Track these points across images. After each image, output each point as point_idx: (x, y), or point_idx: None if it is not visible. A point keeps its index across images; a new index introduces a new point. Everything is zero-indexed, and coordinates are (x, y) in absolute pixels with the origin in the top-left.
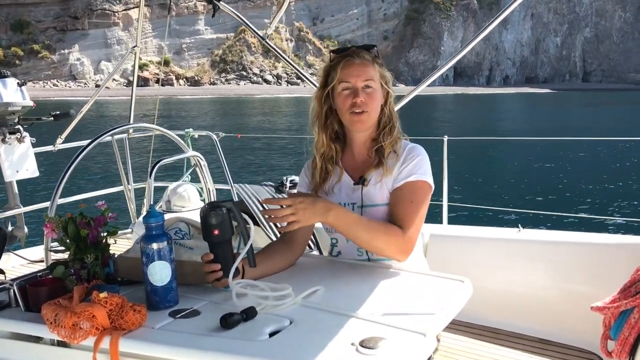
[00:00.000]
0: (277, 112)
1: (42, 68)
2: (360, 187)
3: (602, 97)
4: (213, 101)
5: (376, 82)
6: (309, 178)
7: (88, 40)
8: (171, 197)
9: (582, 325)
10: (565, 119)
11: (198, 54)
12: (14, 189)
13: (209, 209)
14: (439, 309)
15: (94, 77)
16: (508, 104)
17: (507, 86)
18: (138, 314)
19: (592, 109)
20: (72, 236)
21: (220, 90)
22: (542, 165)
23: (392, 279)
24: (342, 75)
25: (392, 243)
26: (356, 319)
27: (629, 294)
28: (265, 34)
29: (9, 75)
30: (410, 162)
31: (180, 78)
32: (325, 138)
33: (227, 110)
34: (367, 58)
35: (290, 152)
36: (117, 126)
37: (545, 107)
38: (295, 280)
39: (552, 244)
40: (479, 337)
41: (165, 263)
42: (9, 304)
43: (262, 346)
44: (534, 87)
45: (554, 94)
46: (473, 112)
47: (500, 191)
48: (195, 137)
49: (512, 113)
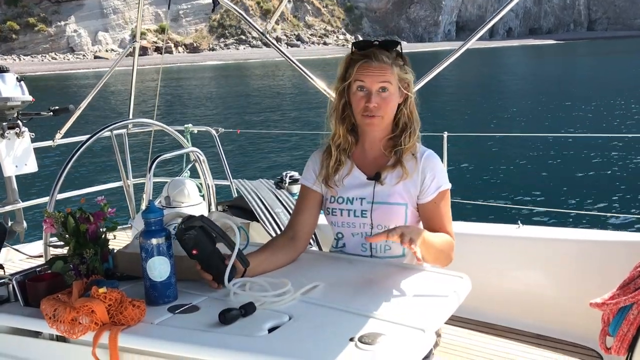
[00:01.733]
0: (277, 75)
1: (40, 41)
2: (373, 182)
3: (609, 46)
4: (213, 68)
5: (393, 85)
6: (317, 168)
7: (84, 11)
8: (170, 192)
9: (581, 322)
10: (571, 72)
11: (195, 19)
12: (13, 184)
13: (180, 234)
14: (438, 305)
15: (92, 48)
16: (512, 58)
17: (510, 39)
18: (137, 309)
19: (598, 59)
20: (71, 231)
21: (220, 56)
22: (542, 161)
23: (392, 274)
24: (357, 75)
25: (449, 253)
26: (355, 314)
27: (628, 290)
28: (265, 29)
29: (8, 70)
30: (432, 172)
31: (178, 45)
32: (343, 130)
33: (229, 74)
34: (386, 61)
35: (290, 148)
36: (116, 121)
37: (549, 59)
38: (295, 276)
39: (552, 240)
40: (479, 333)
41: (164, 258)
42: (8, 299)
43: (261, 341)
44: (538, 39)
45: (559, 44)
46: (476, 69)
47: (500, 187)
48: (194, 132)
49: (516, 68)
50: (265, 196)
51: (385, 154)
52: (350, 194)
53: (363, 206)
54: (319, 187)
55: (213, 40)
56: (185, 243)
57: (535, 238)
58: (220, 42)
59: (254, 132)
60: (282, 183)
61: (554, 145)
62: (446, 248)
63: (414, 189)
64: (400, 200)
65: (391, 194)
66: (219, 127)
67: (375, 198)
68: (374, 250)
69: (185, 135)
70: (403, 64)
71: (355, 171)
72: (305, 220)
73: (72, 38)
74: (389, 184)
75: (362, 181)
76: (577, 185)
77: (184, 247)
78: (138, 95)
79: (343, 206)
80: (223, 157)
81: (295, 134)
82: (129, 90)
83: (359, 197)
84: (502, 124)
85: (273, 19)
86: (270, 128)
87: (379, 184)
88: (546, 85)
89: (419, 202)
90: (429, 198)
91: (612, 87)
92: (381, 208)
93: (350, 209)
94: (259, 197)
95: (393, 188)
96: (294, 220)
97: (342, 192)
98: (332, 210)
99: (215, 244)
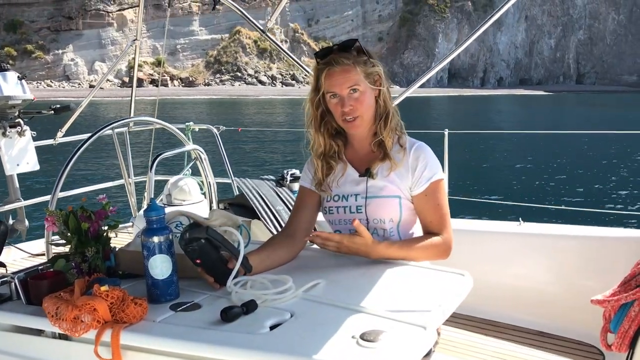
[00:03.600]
0: (272, 112)
1: (36, 68)
2: (365, 179)
3: (596, 99)
4: (208, 102)
5: (362, 83)
6: (312, 173)
7: (82, 41)
8: (172, 190)
9: (582, 318)
10: (560, 120)
11: (192, 54)
12: (14, 182)
13: (184, 245)
14: (440, 302)
15: (88, 77)
16: (503, 105)
17: (501, 88)
18: (139, 307)
19: (586, 110)
20: (73, 230)
21: (215, 91)
22: (542, 159)
23: (393, 272)
24: (327, 86)
25: (434, 254)
26: (357, 312)
27: (629, 287)
28: (265, 27)
29: (9, 68)
30: (422, 163)
31: (174, 79)
32: (324, 138)
33: (223, 111)
34: (347, 63)
35: (291, 146)
36: (117, 120)
37: (539, 108)
38: (296, 274)
39: (553, 237)
40: (480, 330)
41: (166, 256)
42: (10, 297)
43: (263, 339)
44: (528, 89)
45: (548, 95)
46: (469, 113)
47: (501, 185)
48: (195, 130)
49: (507, 114)
50: (267, 194)
51: (374, 150)
52: (345, 192)
53: (358, 202)
54: (313, 187)
55: (209, 76)
56: (189, 254)
57: (536, 235)
58: (216, 77)
59: (255, 130)
60: (283, 181)
61: (555, 143)
62: (425, 255)
63: (405, 180)
64: (392, 193)
65: (383, 187)
66: (220, 125)
67: (368, 193)
68: None
69: (186, 133)
70: (367, 59)
71: (349, 169)
72: (303, 218)
73: (68, 66)
74: (380, 177)
75: (356, 178)
76: (578, 182)
77: (188, 256)
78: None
79: (339, 204)
80: (224, 155)
81: (296, 132)
82: (129, 91)
83: (353, 193)
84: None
85: (273, 16)
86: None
87: (371, 179)
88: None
89: (413, 193)
90: (420, 189)
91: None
92: (375, 202)
93: (346, 206)
94: (260, 194)
95: (385, 181)
96: (293, 218)
97: (338, 190)
98: (329, 209)
99: (220, 252)
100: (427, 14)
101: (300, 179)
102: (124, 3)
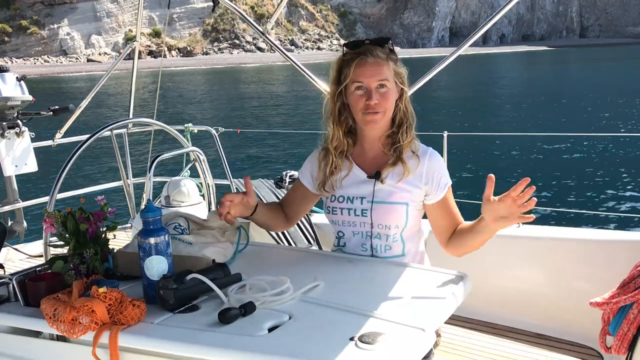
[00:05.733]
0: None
1: (32, 44)
2: (373, 181)
3: (601, 53)
4: (206, 72)
5: (390, 81)
6: (315, 169)
7: (77, 14)
8: (170, 192)
9: (581, 321)
10: (564, 79)
11: (189, 23)
12: (13, 183)
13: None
14: (439, 304)
15: (85, 51)
16: (505, 65)
17: (503, 45)
18: (137, 308)
19: (591, 66)
20: (71, 231)
21: (214, 60)
22: (541, 160)
23: (392, 274)
24: (355, 75)
25: None
26: (355, 314)
27: (628, 289)
28: (265, 29)
29: (8, 69)
30: (438, 172)
31: (172, 49)
32: (341, 133)
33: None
34: (381, 56)
35: (290, 147)
36: (116, 121)
37: (543, 66)
38: (295, 276)
39: (552, 239)
40: (479, 332)
41: (162, 257)
42: (8, 299)
43: (261, 341)
44: (530, 45)
45: (552, 51)
46: (471, 76)
47: (500, 186)
48: (194, 132)
49: (510, 74)
50: (265, 195)
51: (385, 152)
52: (350, 193)
53: (363, 205)
54: (311, 186)
55: (207, 45)
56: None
57: (535, 237)
58: (214, 46)
59: (254, 131)
60: (282, 182)
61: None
62: None
63: (416, 188)
64: (400, 200)
65: (392, 193)
66: (219, 127)
67: (375, 197)
68: (374, 249)
69: (185, 134)
70: (397, 58)
71: (356, 170)
72: (294, 206)
73: (65, 41)
74: (390, 183)
75: (363, 180)
76: (577, 184)
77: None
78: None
79: (343, 205)
80: (223, 157)
81: (295, 133)
82: (129, 91)
83: (359, 196)
84: (497, 126)
85: (273, 19)
86: (270, 127)
87: (380, 183)
88: (540, 89)
89: (429, 202)
90: (440, 196)
91: (604, 91)
92: (381, 207)
93: (351, 208)
94: (259, 196)
95: (394, 187)
96: (287, 199)
97: (343, 191)
98: (333, 209)
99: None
100: None
101: (301, 174)
102: None
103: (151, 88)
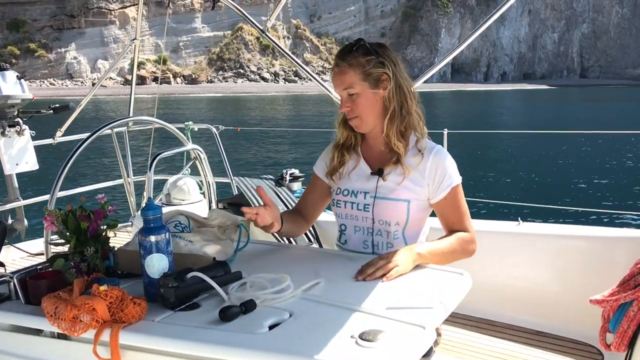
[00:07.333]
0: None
1: (39, 67)
2: (376, 177)
3: (600, 93)
4: (210, 99)
5: (357, 86)
6: (329, 158)
7: (84, 39)
8: (171, 190)
9: (581, 318)
10: (564, 115)
11: (195, 52)
12: (13, 182)
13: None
14: (439, 302)
15: (91, 75)
16: (506, 101)
17: (504, 82)
18: (138, 306)
19: (590, 105)
20: (72, 229)
21: (218, 88)
22: (541, 159)
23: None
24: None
25: (467, 251)
26: (356, 311)
27: (628, 287)
28: (265, 27)
29: (9, 68)
30: (442, 170)
31: (177, 76)
32: (345, 131)
33: (225, 109)
34: (344, 65)
35: (290, 145)
36: (116, 119)
37: (543, 103)
38: (295, 273)
39: (552, 237)
40: (479, 330)
41: (163, 255)
42: (9, 297)
43: (262, 339)
44: (531, 84)
45: (552, 90)
46: (472, 109)
47: (500, 184)
48: (195, 130)
49: (511, 110)
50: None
51: (386, 150)
52: (355, 187)
53: (366, 200)
54: (322, 174)
55: (212, 73)
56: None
57: (535, 235)
58: (219, 74)
59: (254, 129)
60: (283, 180)
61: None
62: (455, 247)
63: (419, 186)
64: (402, 197)
65: (394, 189)
66: (220, 125)
67: (377, 193)
68: (375, 247)
69: (185, 132)
70: (371, 59)
71: (362, 164)
72: (310, 202)
73: (71, 65)
74: (393, 180)
75: (367, 174)
76: (578, 182)
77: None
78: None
79: (348, 198)
80: (223, 155)
81: (295, 131)
82: (129, 90)
83: (362, 190)
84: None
85: (273, 16)
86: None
87: (382, 180)
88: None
89: (432, 200)
90: (441, 195)
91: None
92: (383, 203)
93: (354, 202)
94: (257, 193)
95: (396, 184)
96: (303, 200)
97: (348, 184)
98: (337, 202)
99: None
100: (429, 9)
101: (315, 166)
102: (126, 1)
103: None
